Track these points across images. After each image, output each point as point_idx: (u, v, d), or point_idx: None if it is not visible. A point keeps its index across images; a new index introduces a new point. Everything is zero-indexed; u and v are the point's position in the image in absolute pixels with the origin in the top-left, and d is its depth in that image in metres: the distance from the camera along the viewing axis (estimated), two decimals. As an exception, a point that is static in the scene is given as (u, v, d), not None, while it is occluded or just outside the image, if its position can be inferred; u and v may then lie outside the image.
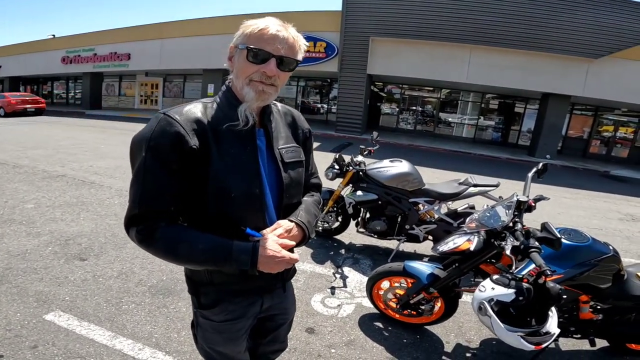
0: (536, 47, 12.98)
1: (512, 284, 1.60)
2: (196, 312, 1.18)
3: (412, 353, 2.31)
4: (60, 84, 29.17)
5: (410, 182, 3.54)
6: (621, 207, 7.30)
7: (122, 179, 5.95)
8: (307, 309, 2.69)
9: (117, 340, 2.17)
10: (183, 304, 2.59)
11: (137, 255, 3.27)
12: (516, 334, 1.57)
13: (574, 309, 2.14)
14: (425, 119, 18.82)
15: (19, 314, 2.33)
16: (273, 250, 0.97)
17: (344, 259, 3.63)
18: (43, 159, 7.14)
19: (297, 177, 1.16)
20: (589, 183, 10.14)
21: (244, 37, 0.99)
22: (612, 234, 5.31)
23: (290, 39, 1.00)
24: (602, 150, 16.86)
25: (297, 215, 1.12)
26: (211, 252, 0.96)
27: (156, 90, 24.46)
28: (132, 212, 0.96)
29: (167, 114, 0.97)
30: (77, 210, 4.31)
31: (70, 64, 23.17)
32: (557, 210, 6.31)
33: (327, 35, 15.20)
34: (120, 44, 20.79)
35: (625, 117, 16.53)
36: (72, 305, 2.47)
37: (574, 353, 2.43)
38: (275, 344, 1.42)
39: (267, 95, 1.02)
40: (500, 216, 1.92)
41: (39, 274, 2.84)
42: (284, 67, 1.00)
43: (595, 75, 13.24)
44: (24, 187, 5.11)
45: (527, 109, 17.09)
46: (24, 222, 3.84)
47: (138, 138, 0.97)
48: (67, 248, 3.32)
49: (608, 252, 2.03)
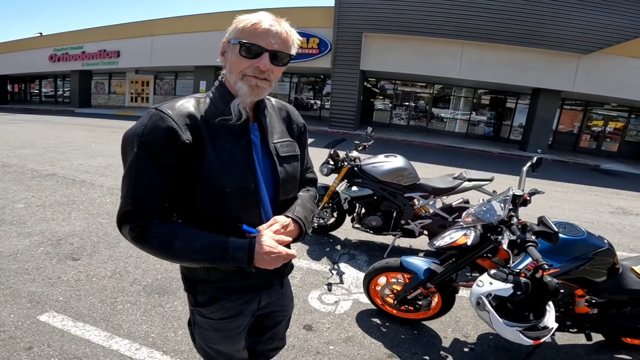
0: (527, 43, 13.09)
1: (510, 279, 1.60)
2: (193, 311, 1.17)
3: (410, 348, 2.32)
4: (49, 82, 28.61)
5: (405, 177, 3.54)
6: (612, 201, 7.41)
7: (113, 177, 5.87)
8: (305, 306, 2.68)
9: (113, 341, 2.14)
10: (179, 303, 2.57)
11: (131, 254, 3.23)
12: (514, 329, 1.57)
13: (570, 303, 2.15)
14: (419, 114, 18.89)
15: (12, 315, 2.29)
16: (269, 247, 0.96)
17: (340, 255, 3.63)
18: (32, 158, 7.02)
19: (292, 171, 1.15)
20: (580, 177, 10.27)
21: (236, 32, 0.98)
22: (603, 227, 5.38)
23: (284, 33, 0.99)
24: (592, 144, 17.09)
25: (293, 211, 1.11)
26: (207, 250, 0.95)
27: (147, 88, 24.16)
28: (124, 209, 0.94)
29: (159, 108, 0.95)
30: (68, 210, 4.25)
31: (58, 62, 22.80)
32: (549, 204, 6.38)
33: (320, 31, 15.14)
34: (109, 42, 20.51)
35: (615, 111, 16.76)
36: (66, 306, 2.43)
37: (570, 347, 2.45)
38: (273, 341, 1.41)
39: (260, 90, 1.01)
40: (497, 210, 1.92)
41: (31, 274, 2.79)
42: (278, 61, 0.99)
43: (585, 70, 13.39)
44: (13, 186, 5.01)
45: (519, 104, 17.25)
46: (14, 222, 3.77)
47: (130, 133, 0.95)
48: (59, 248, 3.27)
49: (603, 246, 2.05)
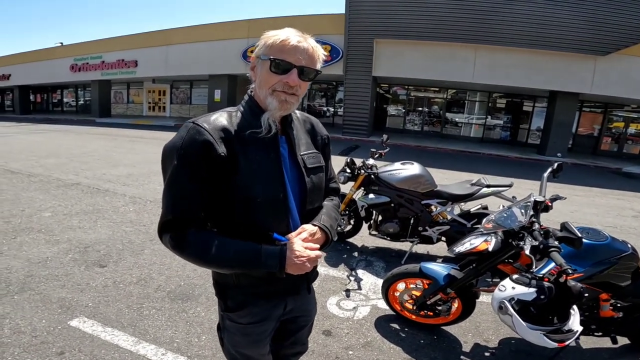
0: (540, 45, 12.92)
1: (533, 283, 1.61)
2: (223, 315, 1.21)
3: (429, 353, 2.32)
4: (70, 92, 29.46)
5: (422, 184, 3.55)
6: (635, 205, 7.22)
7: (135, 187, 6.03)
8: (323, 312, 2.71)
9: (140, 346, 2.21)
10: (202, 309, 2.63)
11: (155, 261, 3.32)
12: (538, 332, 1.58)
13: (595, 307, 2.14)
14: (432, 119, 18.77)
15: (44, 321, 2.38)
16: (299, 252, 1.01)
17: (357, 261, 3.65)
18: (56, 167, 7.27)
19: (318, 182, 1.19)
20: (601, 180, 10.04)
21: (265, 48, 1.02)
22: (627, 231, 5.26)
23: (310, 49, 1.04)
24: (613, 147, 16.67)
25: (319, 220, 1.15)
26: (241, 257, 1.00)
27: (164, 97, 24.69)
28: (165, 218, 1.00)
29: (196, 122, 1.01)
30: (94, 218, 4.38)
31: (78, 71, 23.45)
32: (570, 209, 6.26)
33: (332, 38, 15.24)
34: (127, 51, 21.04)
35: (636, 113, 16.34)
36: (95, 311, 2.52)
37: (595, 351, 2.42)
38: (296, 346, 1.43)
39: (289, 105, 1.06)
40: (517, 216, 1.93)
41: (60, 280, 2.90)
42: (305, 76, 1.04)
43: (602, 72, 13.12)
44: (39, 195, 5.20)
45: (536, 107, 16.99)
46: (42, 230, 3.92)
47: (169, 147, 1.01)
48: (87, 255, 3.39)
49: (627, 250, 2.04)
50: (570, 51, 12.82)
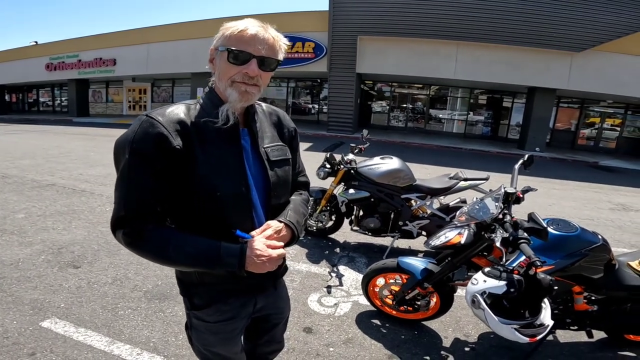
0: (520, 42, 13.16)
1: (504, 276, 1.61)
2: (189, 314, 1.19)
3: (410, 349, 2.33)
4: (46, 91, 28.57)
5: (401, 178, 3.57)
6: (612, 197, 7.43)
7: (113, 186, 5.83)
8: (304, 309, 2.70)
9: (114, 346, 2.16)
10: (179, 308, 2.59)
11: (131, 261, 3.25)
12: (510, 327, 1.58)
13: (569, 301, 2.15)
14: (416, 116, 18.93)
15: (15, 322, 2.32)
16: (260, 251, 0.98)
17: (339, 257, 3.65)
18: (32, 168, 7.05)
19: (283, 175, 1.17)
20: (579, 174, 10.30)
21: (223, 39, 1.00)
22: (604, 224, 5.40)
23: (270, 39, 1.01)
24: (590, 141, 17.12)
25: (285, 215, 1.13)
26: (199, 254, 0.97)
27: (145, 96, 24.16)
28: (118, 214, 0.98)
29: (150, 115, 0.98)
30: (69, 219, 4.27)
31: (54, 70, 22.78)
32: (548, 202, 6.40)
33: (315, 36, 15.20)
34: (105, 50, 20.51)
35: (612, 108, 16.81)
36: (68, 312, 2.46)
37: (573, 345, 2.44)
38: (272, 344, 1.42)
39: (250, 96, 1.03)
40: (490, 208, 1.94)
41: (33, 282, 2.82)
42: (265, 67, 1.01)
43: (579, 68, 13.45)
44: (13, 197, 5.04)
45: (515, 103, 17.31)
46: (15, 231, 3.79)
47: (121, 140, 0.98)
48: (60, 256, 3.29)
49: (597, 242, 2.04)
50: (548, 47, 13.10)
